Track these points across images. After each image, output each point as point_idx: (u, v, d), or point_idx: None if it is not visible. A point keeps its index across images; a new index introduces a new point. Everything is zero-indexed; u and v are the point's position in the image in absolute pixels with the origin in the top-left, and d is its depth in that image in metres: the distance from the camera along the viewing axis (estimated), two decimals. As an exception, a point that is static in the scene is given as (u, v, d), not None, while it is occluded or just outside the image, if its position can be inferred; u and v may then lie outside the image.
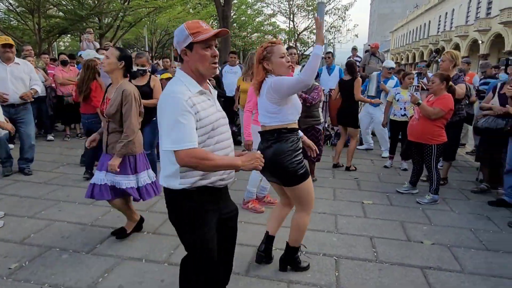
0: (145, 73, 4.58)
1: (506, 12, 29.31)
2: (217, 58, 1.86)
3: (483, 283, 2.83)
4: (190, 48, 1.82)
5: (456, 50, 5.86)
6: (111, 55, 3.09)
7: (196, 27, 1.80)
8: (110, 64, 3.08)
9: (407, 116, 5.77)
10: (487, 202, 4.54)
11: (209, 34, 1.79)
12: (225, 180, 1.99)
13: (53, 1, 18.28)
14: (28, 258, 3.01)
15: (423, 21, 53.40)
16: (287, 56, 2.63)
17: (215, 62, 1.86)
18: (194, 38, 1.78)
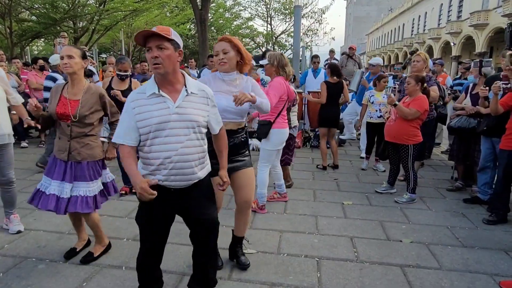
0: (126, 77, 4.54)
1: (476, 15, 30.27)
2: (157, 59, 1.94)
3: (460, 279, 2.90)
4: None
5: (429, 53, 6.02)
6: (75, 54, 2.83)
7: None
8: (76, 64, 2.84)
9: (383, 117, 5.81)
10: (463, 200, 4.66)
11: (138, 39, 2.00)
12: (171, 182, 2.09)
13: (25, 4, 17.82)
14: (2, 270, 2.90)
15: (398, 24, 54.59)
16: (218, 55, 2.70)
17: (155, 64, 1.96)
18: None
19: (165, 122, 1.99)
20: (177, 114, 2.01)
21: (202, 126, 2.12)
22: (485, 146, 4.41)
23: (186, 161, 2.06)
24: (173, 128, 2.01)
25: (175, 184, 2.10)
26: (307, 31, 30.14)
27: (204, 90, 2.17)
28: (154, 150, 2.03)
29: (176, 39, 2.02)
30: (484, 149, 4.42)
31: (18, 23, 18.46)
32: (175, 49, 2.02)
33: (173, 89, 2.06)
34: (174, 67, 2.03)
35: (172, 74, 2.04)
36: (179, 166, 2.05)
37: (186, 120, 2.03)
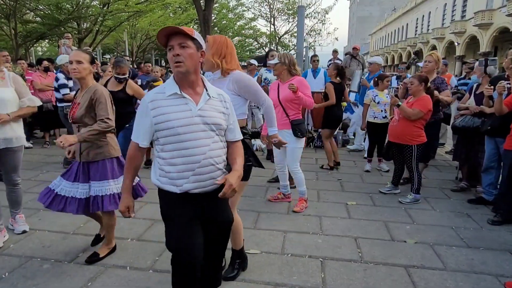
0: (125, 81, 4.56)
1: (480, 15, 30.14)
2: (179, 57, 1.88)
3: (465, 279, 2.89)
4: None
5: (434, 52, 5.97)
6: (83, 59, 2.87)
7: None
8: (85, 69, 2.88)
9: (387, 118, 5.76)
10: (467, 200, 4.64)
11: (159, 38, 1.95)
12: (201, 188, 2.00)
13: (30, 6, 17.92)
14: (7, 270, 2.92)
15: (401, 24, 54.43)
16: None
17: (176, 62, 1.89)
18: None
19: (189, 125, 1.92)
20: (200, 116, 1.94)
21: (223, 130, 2.07)
22: (489, 147, 4.40)
23: (215, 163, 2.00)
24: (197, 131, 1.93)
25: (204, 190, 2.01)
26: (310, 31, 30.15)
27: (222, 95, 2.11)
28: (179, 155, 1.94)
29: (199, 39, 1.96)
30: (488, 149, 4.40)
31: (23, 25, 18.59)
32: (198, 49, 1.95)
33: (194, 91, 1.99)
34: (196, 67, 1.96)
35: (194, 74, 1.97)
36: (208, 170, 1.98)
37: (209, 123, 1.97)
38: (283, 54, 4.16)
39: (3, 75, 3.21)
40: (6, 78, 3.22)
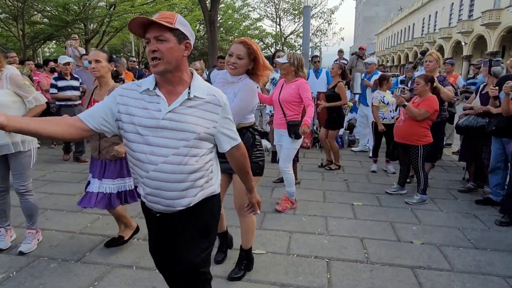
0: (120, 80, 4.58)
1: (488, 14, 29.93)
2: (156, 53, 1.57)
3: (472, 281, 2.87)
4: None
5: (440, 52, 5.96)
6: (102, 58, 3.00)
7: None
8: (103, 68, 3.00)
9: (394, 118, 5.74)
10: (474, 201, 4.61)
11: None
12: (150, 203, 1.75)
13: (38, 7, 18.08)
14: (15, 269, 2.95)
15: (408, 24, 54.18)
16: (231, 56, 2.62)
17: (153, 59, 1.58)
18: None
19: (152, 128, 1.61)
20: (169, 120, 1.60)
21: (202, 140, 1.66)
22: (495, 147, 4.36)
23: (167, 181, 1.64)
24: (159, 137, 1.61)
25: (155, 207, 1.74)
26: (316, 31, 30.10)
27: (215, 96, 1.70)
28: (136, 158, 1.67)
29: (182, 28, 1.61)
30: (494, 149, 4.37)
31: (31, 26, 18.76)
32: (180, 41, 1.60)
33: (173, 90, 1.66)
34: (177, 63, 1.61)
35: (176, 71, 1.64)
36: (155, 185, 1.66)
37: (178, 130, 1.60)
38: (293, 55, 4.11)
39: (1, 75, 3.00)
40: (2, 79, 2.98)
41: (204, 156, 1.70)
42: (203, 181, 1.73)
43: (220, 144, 1.76)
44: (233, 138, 1.79)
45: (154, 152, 1.62)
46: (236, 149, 1.83)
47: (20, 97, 3.07)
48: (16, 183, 3.21)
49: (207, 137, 1.67)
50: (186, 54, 1.65)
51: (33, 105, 3.14)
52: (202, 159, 1.69)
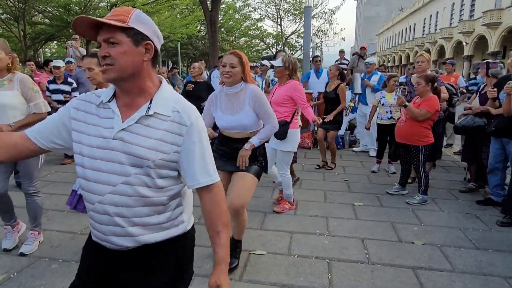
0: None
1: (489, 14, 29.91)
2: (106, 59, 1.25)
3: (473, 281, 2.87)
4: None
5: (441, 52, 5.95)
6: (93, 65, 3.00)
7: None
8: (97, 74, 2.99)
9: (394, 118, 5.76)
10: (476, 202, 4.61)
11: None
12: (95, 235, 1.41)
13: (39, 8, 18.12)
14: (16, 269, 2.95)
15: (409, 24, 54.16)
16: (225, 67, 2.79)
17: (104, 65, 1.27)
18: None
19: (101, 149, 1.30)
20: (121, 140, 1.28)
21: (160, 167, 1.31)
22: (494, 147, 4.36)
23: (115, 215, 1.31)
24: (109, 161, 1.29)
25: (105, 243, 1.38)
26: (317, 31, 30.10)
27: (179, 112, 1.33)
28: (85, 188, 1.35)
29: (139, 26, 1.28)
30: (494, 149, 4.36)
31: (32, 26, 18.80)
32: (136, 43, 1.28)
33: (132, 103, 1.33)
34: (134, 70, 1.29)
35: (132, 80, 1.30)
36: (106, 221, 1.33)
37: (129, 154, 1.28)
38: (288, 59, 4.06)
39: (12, 77, 3.03)
40: (14, 81, 3.02)
41: (166, 188, 1.36)
42: (164, 218, 1.38)
43: (187, 175, 1.37)
44: (205, 173, 1.37)
45: (102, 179, 1.30)
46: (207, 191, 1.40)
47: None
48: (25, 184, 3.22)
49: (167, 164, 1.32)
50: (147, 58, 1.32)
51: (32, 112, 3.07)
52: (163, 191, 1.35)
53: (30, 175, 3.21)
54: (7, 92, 2.96)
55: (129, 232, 1.33)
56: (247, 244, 3.42)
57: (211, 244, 1.43)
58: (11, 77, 3.02)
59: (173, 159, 1.33)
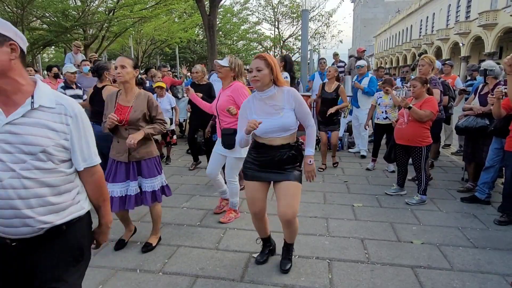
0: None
1: (485, 15, 30.06)
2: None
3: (471, 279, 2.91)
4: None
5: (438, 53, 6.03)
6: (127, 64, 3.10)
7: None
8: (128, 74, 3.10)
9: (389, 119, 5.90)
10: (460, 199, 4.71)
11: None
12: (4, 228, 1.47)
13: (37, 13, 18.15)
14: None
15: (405, 25, 54.35)
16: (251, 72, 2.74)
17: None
18: None
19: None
20: (9, 133, 1.42)
21: (53, 154, 1.49)
22: (493, 146, 4.41)
23: (18, 198, 1.43)
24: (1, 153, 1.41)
25: (9, 232, 1.47)
26: (314, 34, 30.20)
27: (63, 105, 1.54)
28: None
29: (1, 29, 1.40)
30: (492, 148, 4.42)
31: (30, 32, 18.78)
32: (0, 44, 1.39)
33: (10, 101, 1.45)
34: (3, 69, 1.41)
35: (2, 80, 1.42)
36: (5, 204, 1.43)
37: (22, 143, 1.43)
38: (235, 60, 3.88)
39: None
40: None
41: (62, 173, 1.54)
42: (62, 199, 1.55)
43: (76, 159, 1.59)
44: (90, 157, 1.63)
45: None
46: (90, 173, 1.66)
47: None
48: None
49: (58, 150, 1.51)
50: (14, 57, 1.42)
51: None
52: (62, 174, 1.54)
53: None
54: None
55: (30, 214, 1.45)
56: (248, 245, 3.47)
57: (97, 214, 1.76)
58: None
59: (64, 145, 1.52)
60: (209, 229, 3.87)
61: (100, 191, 1.72)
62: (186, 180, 5.69)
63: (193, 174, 6.08)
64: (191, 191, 5.10)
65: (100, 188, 1.72)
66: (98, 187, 1.71)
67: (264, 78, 2.71)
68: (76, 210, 1.61)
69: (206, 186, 5.41)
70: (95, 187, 1.69)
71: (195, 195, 4.96)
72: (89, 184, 1.68)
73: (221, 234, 3.74)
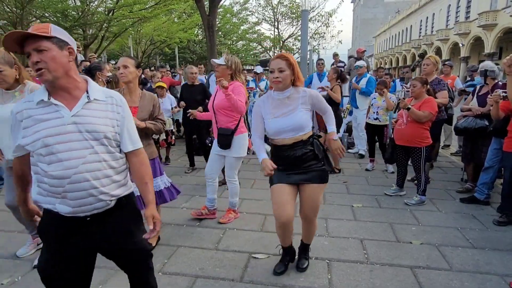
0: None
1: (484, 16, 30.07)
2: (39, 64, 1.59)
3: (470, 279, 2.92)
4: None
5: (437, 54, 6.06)
6: (130, 64, 3.11)
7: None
8: (131, 73, 3.11)
9: (379, 120, 6.08)
10: (459, 199, 4.72)
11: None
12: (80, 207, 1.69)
13: (36, 13, 18.14)
14: (20, 273, 2.99)
15: (405, 26, 54.35)
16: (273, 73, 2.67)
17: (37, 70, 1.60)
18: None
19: (59, 135, 1.62)
20: (75, 124, 1.65)
21: (111, 139, 1.75)
22: (493, 147, 4.42)
23: (92, 179, 1.67)
24: (70, 141, 1.63)
25: (85, 210, 1.71)
26: (314, 34, 30.20)
27: (113, 97, 1.81)
28: (52, 170, 1.63)
29: (59, 35, 1.65)
30: (492, 149, 4.43)
31: (30, 32, 18.77)
32: (61, 48, 1.64)
33: (70, 96, 1.69)
34: (65, 69, 1.66)
35: (65, 78, 1.67)
36: (83, 187, 1.66)
37: (88, 131, 1.66)
38: (231, 58, 3.86)
39: (23, 88, 2.96)
40: (25, 92, 2.96)
41: (117, 154, 1.80)
42: (121, 176, 1.82)
43: (124, 143, 1.83)
44: (135, 140, 1.88)
45: (71, 156, 1.64)
46: (135, 154, 1.89)
47: None
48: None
49: (114, 136, 1.76)
50: (71, 59, 1.70)
51: None
52: (118, 156, 1.80)
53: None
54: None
55: (102, 190, 1.70)
56: (248, 246, 3.47)
57: (141, 192, 1.91)
58: (22, 88, 2.95)
59: (117, 131, 1.78)
60: (208, 229, 3.88)
61: (146, 170, 1.92)
62: (185, 181, 5.69)
63: (192, 175, 6.09)
64: (190, 192, 5.11)
65: (146, 166, 1.92)
66: (144, 165, 1.91)
67: (286, 79, 2.64)
68: (129, 186, 1.89)
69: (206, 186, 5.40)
70: (141, 165, 1.90)
71: (194, 196, 4.97)
72: (135, 164, 1.89)
73: (221, 234, 3.75)
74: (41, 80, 1.63)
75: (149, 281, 2.07)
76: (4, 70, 2.76)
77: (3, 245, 3.49)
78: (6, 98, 2.90)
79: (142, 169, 1.90)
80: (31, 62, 1.59)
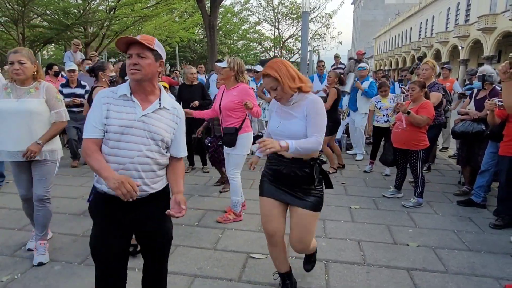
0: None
1: (484, 19, 30.15)
2: (136, 66, 1.90)
3: (466, 282, 2.95)
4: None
5: (437, 56, 6.08)
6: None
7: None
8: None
9: (390, 122, 5.95)
10: (456, 202, 4.75)
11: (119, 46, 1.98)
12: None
13: (38, 11, 18.14)
14: (20, 271, 3.01)
15: (405, 28, 54.45)
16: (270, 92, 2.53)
17: (132, 69, 1.91)
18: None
19: (127, 127, 1.92)
20: (142, 122, 1.94)
21: (166, 143, 2.03)
22: (489, 150, 4.46)
23: (141, 170, 1.96)
24: (134, 135, 1.93)
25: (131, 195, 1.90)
26: (314, 35, 30.24)
27: (176, 109, 2.10)
28: (113, 154, 1.93)
29: (159, 50, 1.98)
30: (488, 152, 4.47)
31: (31, 29, 18.76)
32: (156, 60, 1.98)
33: (146, 98, 2.00)
34: (152, 76, 1.98)
35: (149, 83, 1.99)
36: (131, 175, 1.92)
37: (150, 131, 1.95)
38: (233, 60, 3.89)
39: (38, 85, 3.10)
40: (40, 89, 3.09)
41: (165, 156, 2.08)
42: (162, 172, 2.10)
43: (178, 149, 2.13)
44: (184, 150, 2.18)
45: (132, 147, 1.93)
46: (179, 160, 2.18)
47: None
48: (40, 189, 3.16)
49: (168, 141, 2.05)
50: (160, 70, 2.04)
51: (53, 120, 3.14)
52: (165, 157, 2.08)
53: (45, 180, 3.19)
54: (34, 99, 3.05)
55: (146, 182, 1.98)
56: (246, 246, 3.50)
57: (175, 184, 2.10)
58: (37, 85, 3.10)
59: (171, 138, 2.07)
60: (207, 229, 3.90)
61: (182, 170, 2.19)
62: (185, 180, 5.70)
63: (192, 174, 6.12)
64: (189, 191, 5.13)
65: (182, 168, 2.21)
66: (182, 167, 2.20)
67: (282, 94, 2.42)
68: (165, 181, 2.14)
69: (205, 186, 5.44)
70: (181, 169, 2.18)
71: (193, 195, 4.99)
72: (177, 166, 2.16)
73: (219, 234, 3.78)
74: (131, 78, 1.93)
75: (166, 265, 2.30)
76: (26, 63, 3.00)
77: (3, 242, 3.51)
78: (20, 93, 3.04)
79: (180, 169, 2.18)
80: (130, 63, 1.91)
